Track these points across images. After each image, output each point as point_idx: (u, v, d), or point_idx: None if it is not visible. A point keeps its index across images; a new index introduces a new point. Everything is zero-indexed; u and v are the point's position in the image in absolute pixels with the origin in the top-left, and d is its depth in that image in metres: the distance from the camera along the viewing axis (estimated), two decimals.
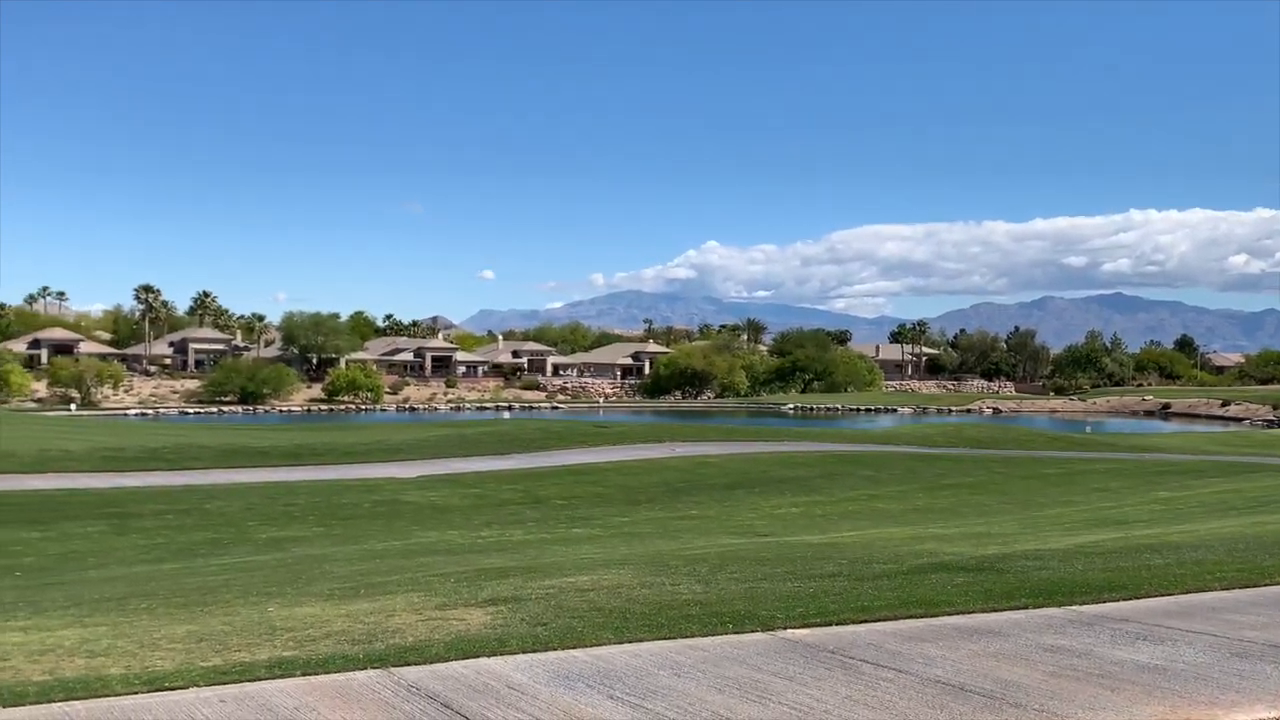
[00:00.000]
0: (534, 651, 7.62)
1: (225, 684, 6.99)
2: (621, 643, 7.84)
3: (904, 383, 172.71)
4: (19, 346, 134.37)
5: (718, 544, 16.01)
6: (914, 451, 42.69)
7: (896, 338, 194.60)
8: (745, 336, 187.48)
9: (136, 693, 6.83)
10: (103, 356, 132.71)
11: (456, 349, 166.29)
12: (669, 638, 7.96)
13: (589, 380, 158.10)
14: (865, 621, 8.54)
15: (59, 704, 6.64)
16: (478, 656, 7.48)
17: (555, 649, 7.69)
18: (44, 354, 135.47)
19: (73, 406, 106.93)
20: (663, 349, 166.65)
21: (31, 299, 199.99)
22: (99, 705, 6.64)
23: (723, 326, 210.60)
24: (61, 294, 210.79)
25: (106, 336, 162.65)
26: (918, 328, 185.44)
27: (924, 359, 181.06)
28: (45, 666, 7.48)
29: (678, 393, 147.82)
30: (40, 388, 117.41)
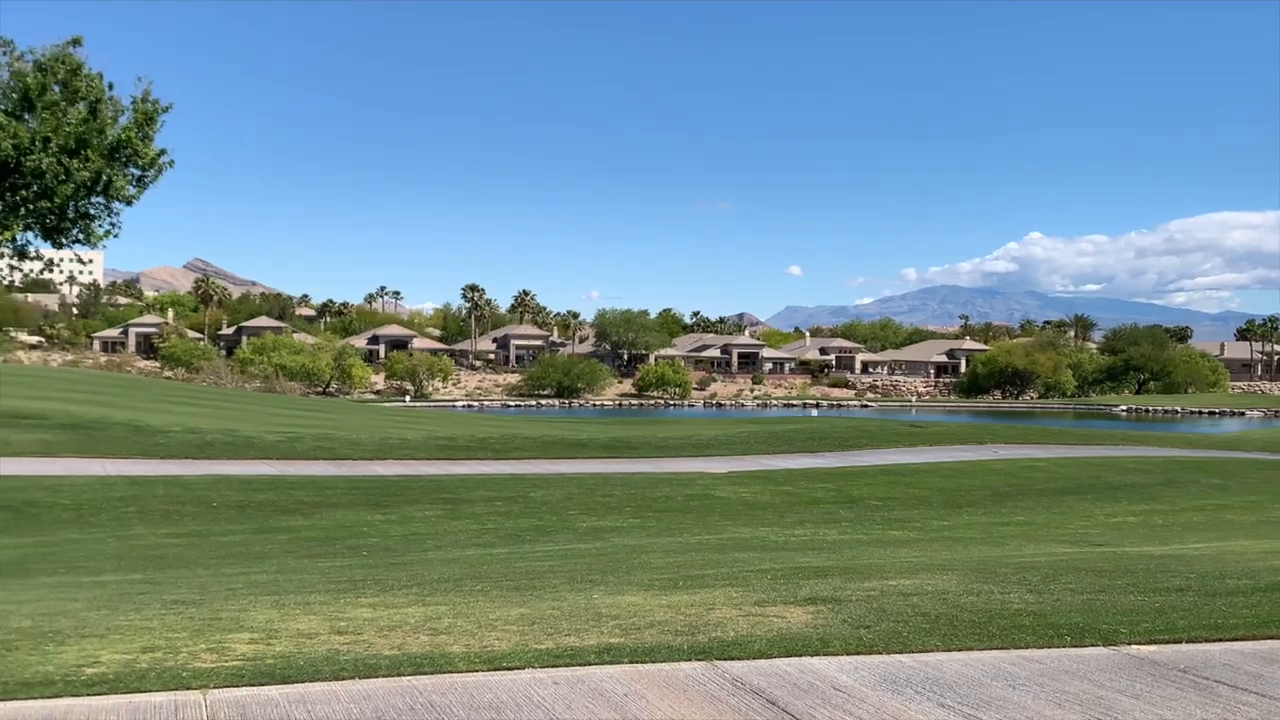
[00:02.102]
0: (858, 654, 7.47)
1: (558, 667, 7.23)
2: (950, 650, 7.55)
3: (1252, 383, 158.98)
4: (360, 342, 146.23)
5: (1048, 552, 15.14)
6: (1267, 458, 39.03)
7: (1244, 335, 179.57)
8: (1072, 333, 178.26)
9: (477, 670, 7.15)
10: (433, 351, 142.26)
11: (763, 346, 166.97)
12: (1000, 648, 7.60)
13: (900, 378, 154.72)
14: (1219, 640, 7.86)
15: (407, 677, 7.05)
16: (801, 655, 7.41)
17: (880, 653, 7.51)
18: (382, 349, 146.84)
19: (407, 398, 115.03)
20: (980, 346, 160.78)
21: (371, 298, 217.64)
22: (444, 681, 7.00)
23: (1047, 323, 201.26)
24: (397, 293, 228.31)
25: (436, 333, 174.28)
26: (1269, 324, 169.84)
27: (1276, 358, 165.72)
28: (393, 642, 7.93)
29: (996, 392, 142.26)
30: (379, 380, 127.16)
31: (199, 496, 23.09)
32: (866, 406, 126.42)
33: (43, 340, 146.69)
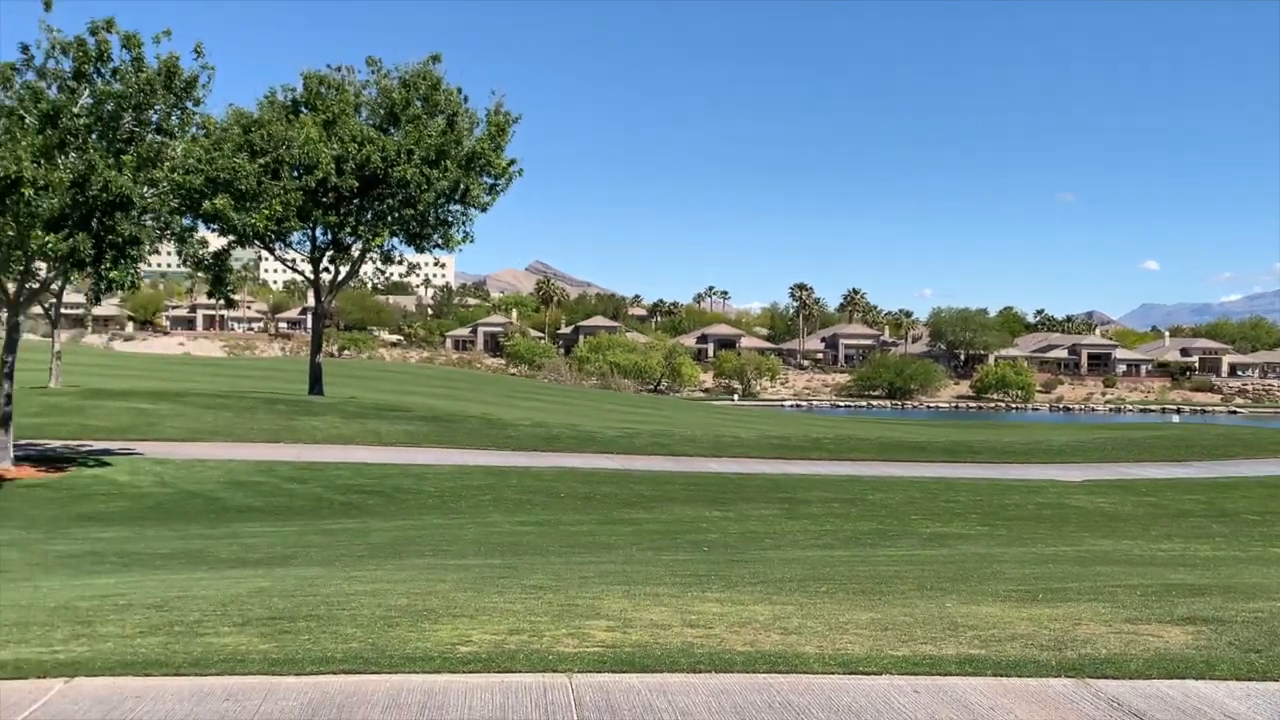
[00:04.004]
0: (1249, 679, 6.77)
1: (917, 675, 6.97)
2: None
3: None
4: (689, 341, 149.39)
5: None
6: None
7: None
8: None
9: (832, 673, 7.00)
10: (760, 351, 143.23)
11: (1115, 346, 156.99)
12: None
13: (1275, 382, 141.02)
14: None
15: (762, 675, 6.97)
16: (1183, 678, 6.80)
17: (1276, 679, 6.76)
18: (710, 348, 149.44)
19: (735, 397, 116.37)
20: None
21: (699, 298, 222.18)
22: (798, 681, 6.87)
23: None
24: (725, 293, 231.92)
25: (764, 332, 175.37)
26: None
27: None
28: (745, 638, 7.88)
29: None
30: (707, 378, 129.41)
31: (548, 487, 24.21)
32: (1235, 413, 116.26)
33: (401, 339, 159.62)
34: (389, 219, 38.82)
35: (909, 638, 7.99)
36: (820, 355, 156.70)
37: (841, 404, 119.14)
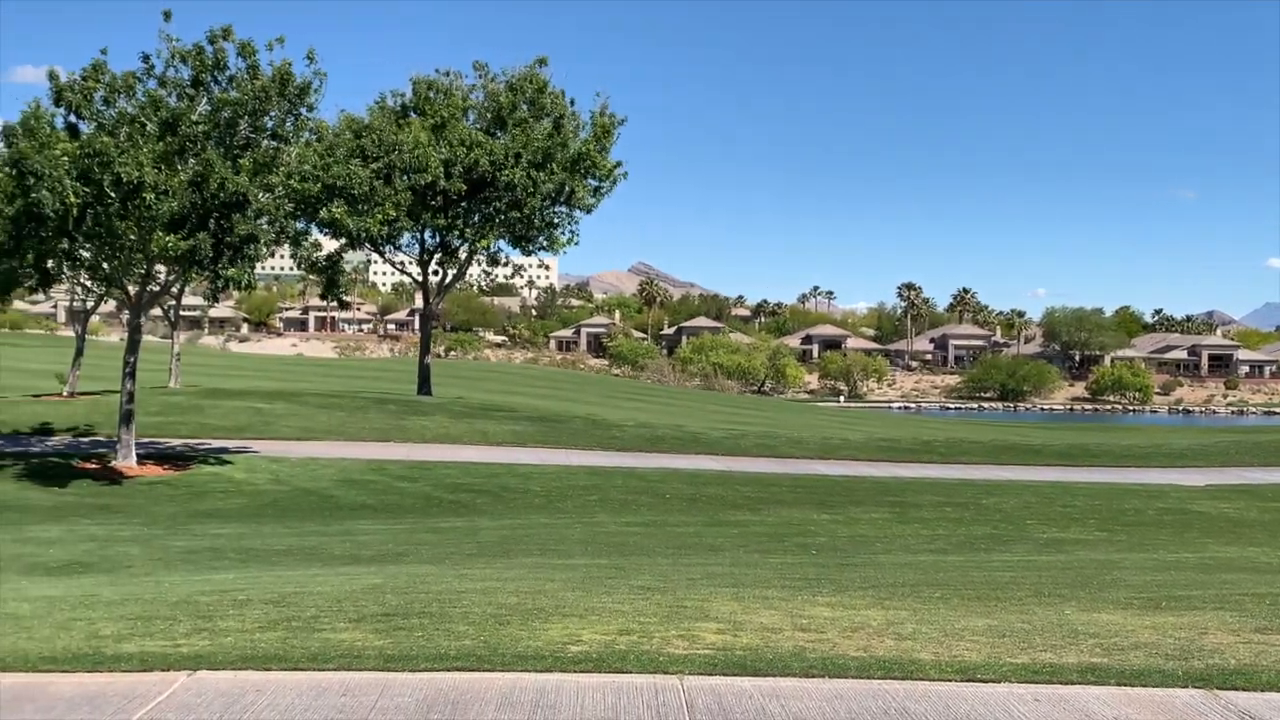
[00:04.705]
0: None
1: (1036, 683, 6.80)
2: None
3: None
4: (793, 342, 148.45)
5: None
6: None
7: None
8: None
9: (949, 680, 6.87)
10: (867, 352, 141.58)
11: (1237, 347, 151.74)
12: None
13: None
14: None
15: (876, 681, 6.86)
16: None
17: None
18: (814, 349, 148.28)
19: (841, 398, 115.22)
20: None
21: (803, 298, 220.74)
22: (914, 687, 6.75)
23: None
24: (830, 293, 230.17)
25: (870, 332, 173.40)
26: None
27: None
28: (858, 644, 7.76)
29: None
30: (812, 379, 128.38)
31: (653, 488, 24.22)
32: None
33: (506, 340, 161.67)
34: (496, 221, 39.27)
35: (1027, 645, 7.81)
36: (929, 356, 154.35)
37: (951, 406, 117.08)
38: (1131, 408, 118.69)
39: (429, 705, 6.27)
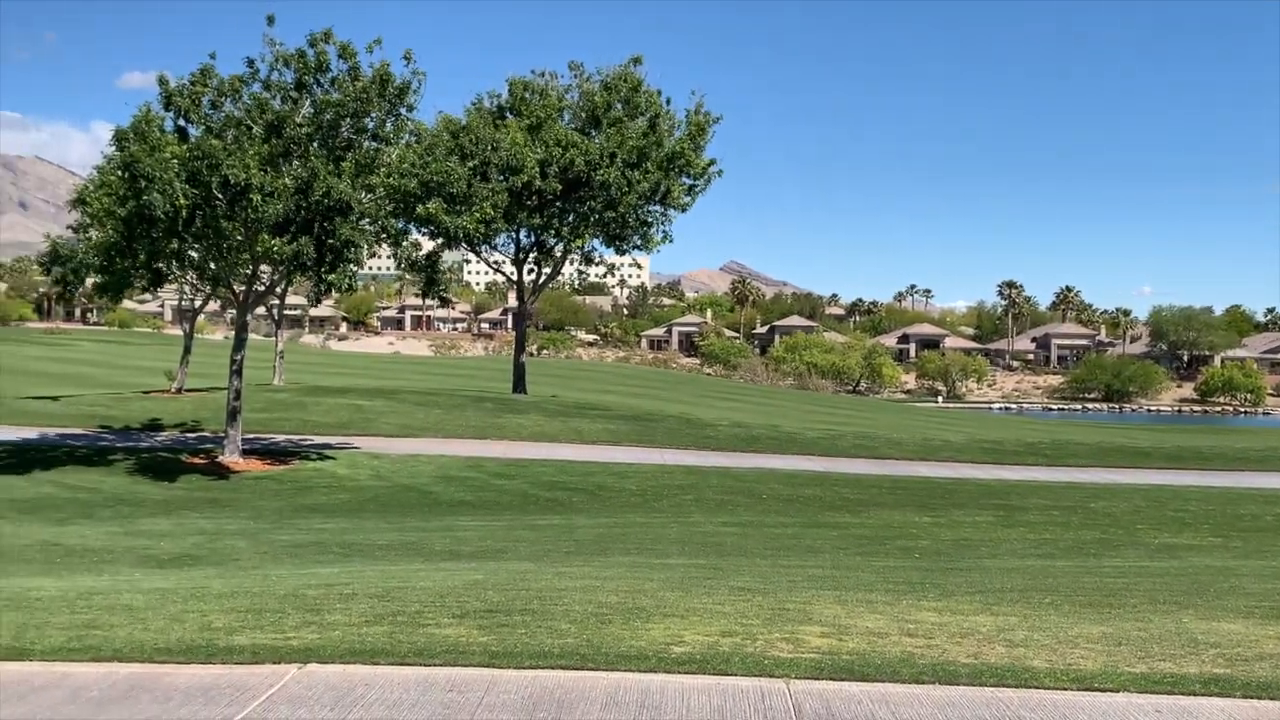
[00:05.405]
0: None
1: (1156, 693, 6.61)
2: None
3: None
4: (889, 341, 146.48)
5: None
6: None
7: None
8: None
9: (1064, 689, 6.71)
10: (966, 351, 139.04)
11: None
12: None
13: None
14: None
15: (990, 688, 6.70)
16: None
17: None
18: (911, 348, 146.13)
19: (939, 398, 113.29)
20: None
21: (900, 296, 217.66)
22: (1029, 696, 6.58)
23: None
24: (927, 291, 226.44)
25: (969, 331, 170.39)
26: None
27: None
28: (968, 650, 7.59)
29: None
30: (909, 379, 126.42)
31: (748, 488, 24.05)
32: None
33: (597, 338, 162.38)
34: (590, 221, 39.40)
35: (1145, 654, 7.57)
36: (1031, 356, 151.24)
37: (1054, 406, 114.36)
38: (1243, 410, 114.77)
39: (534, 703, 6.26)
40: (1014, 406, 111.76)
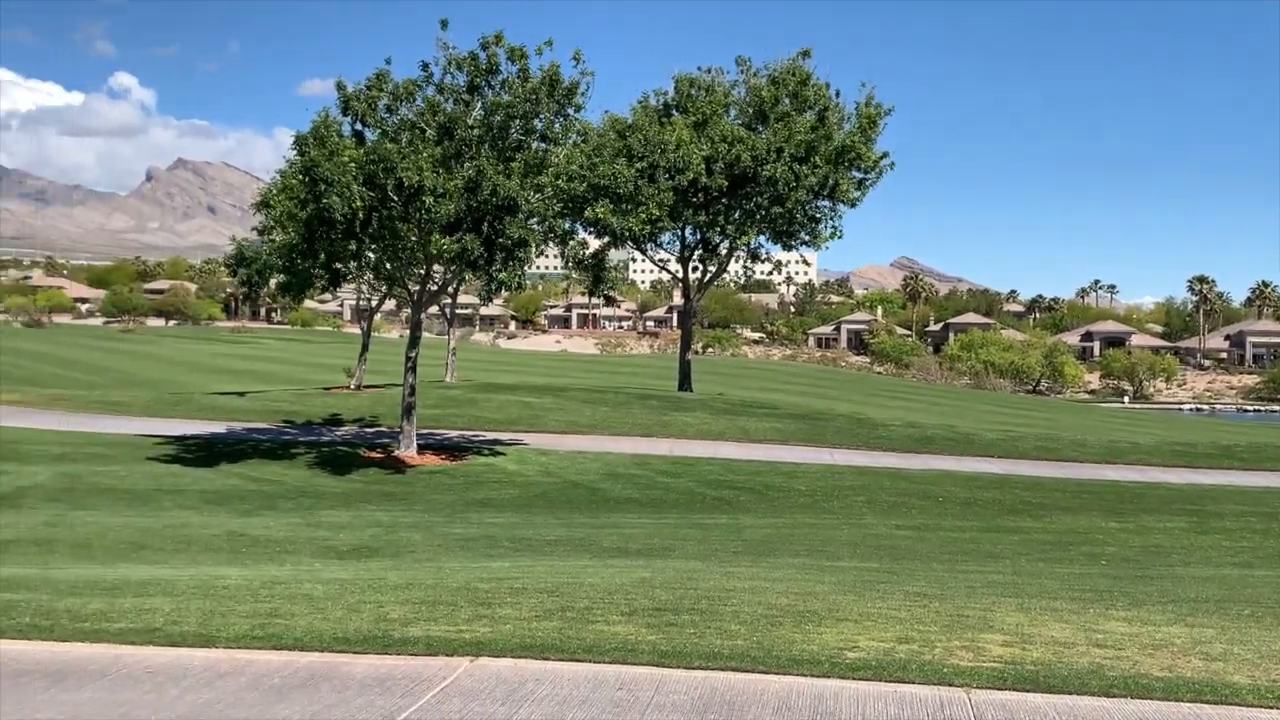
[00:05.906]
0: None
1: None
2: None
3: None
4: (1071, 339, 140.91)
5: None
6: None
7: None
8: None
9: (1270, 707, 6.29)
10: (1154, 349, 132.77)
11: None
12: None
13: None
14: None
15: (1187, 704, 6.31)
16: None
17: None
18: (1095, 346, 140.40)
19: (1125, 399, 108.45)
20: None
21: (1083, 293, 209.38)
22: (1230, 713, 6.20)
23: None
24: (1112, 287, 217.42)
25: (1156, 329, 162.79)
26: None
27: None
28: (1161, 663, 7.17)
29: None
30: (1092, 379, 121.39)
31: (923, 490, 23.42)
32: None
33: (763, 336, 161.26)
34: (757, 217, 39.03)
35: None
36: (1224, 354, 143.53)
37: (1249, 408, 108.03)
38: None
39: (704, 704, 6.16)
40: (1206, 407, 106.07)
